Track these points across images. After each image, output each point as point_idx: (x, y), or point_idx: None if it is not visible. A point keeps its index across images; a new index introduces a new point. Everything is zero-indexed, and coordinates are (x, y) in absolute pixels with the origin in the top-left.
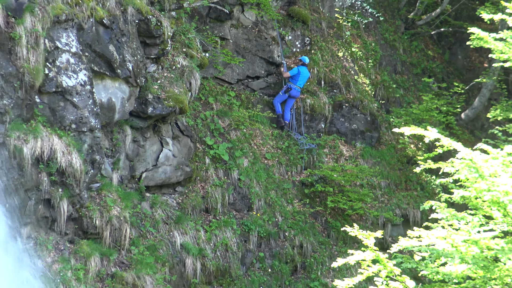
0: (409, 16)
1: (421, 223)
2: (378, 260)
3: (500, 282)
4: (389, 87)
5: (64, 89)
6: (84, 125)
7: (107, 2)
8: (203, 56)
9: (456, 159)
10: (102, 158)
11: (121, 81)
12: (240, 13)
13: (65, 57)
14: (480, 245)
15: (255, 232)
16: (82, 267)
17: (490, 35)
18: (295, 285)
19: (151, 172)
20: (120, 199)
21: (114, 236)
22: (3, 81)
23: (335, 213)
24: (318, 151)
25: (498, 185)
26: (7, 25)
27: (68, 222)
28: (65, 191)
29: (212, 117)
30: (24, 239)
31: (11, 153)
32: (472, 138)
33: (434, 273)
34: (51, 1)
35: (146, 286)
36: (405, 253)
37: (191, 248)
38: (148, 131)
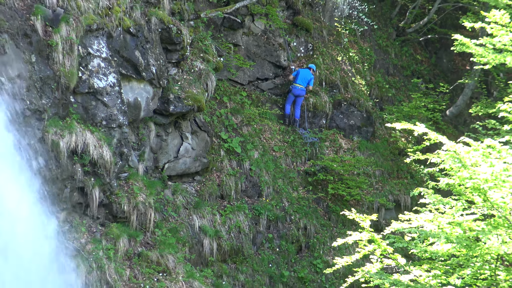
0: (400, 24)
1: (411, 207)
2: (373, 240)
3: (481, 259)
4: (383, 87)
5: (96, 90)
6: (113, 121)
7: (133, 12)
8: (218, 60)
9: (441, 151)
10: (129, 151)
11: (146, 82)
12: (251, 23)
13: (96, 62)
14: (463, 227)
15: (265, 216)
16: (112, 247)
17: (472, 41)
18: (300, 262)
19: (173, 163)
20: (145, 187)
21: (140, 220)
22: (42, 83)
23: (335, 199)
24: (320, 144)
25: (478, 174)
26: (45, 33)
27: (100, 207)
28: (97, 180)
29: (226, 114)
30: (61, 222)
31: (49, 147)
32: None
33: (423, 251)
34: (84, 12)
35: (169, 264)
36: (397, 234)
37: (208, 230)
38: (170, 127)
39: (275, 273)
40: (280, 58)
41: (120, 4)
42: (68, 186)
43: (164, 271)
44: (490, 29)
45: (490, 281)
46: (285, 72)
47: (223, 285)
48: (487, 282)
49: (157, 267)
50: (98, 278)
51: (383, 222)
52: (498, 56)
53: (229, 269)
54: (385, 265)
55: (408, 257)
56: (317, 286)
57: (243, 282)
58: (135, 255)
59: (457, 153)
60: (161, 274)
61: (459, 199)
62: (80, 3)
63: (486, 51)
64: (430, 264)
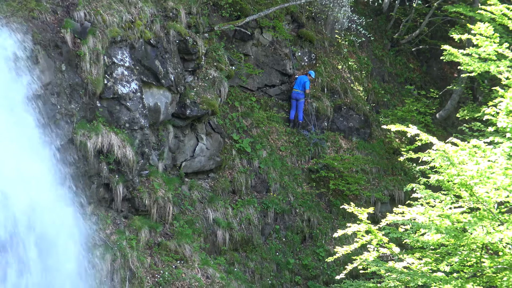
0: (394, 36)
1: (405, 201)
2: (370, 231)
3: (467, 248)
4: (379, 93)
5: (120, 95)
6: (135, 124)
7: (154, 26)
8: (230, 69)
9: (432, 150)
10: (150, 150)
11: (165, 89)
12: (260, 35)
13: (120, 70)
14: (452, 219)
15: (272, 209)
16: (135, 237)
17: (459, 51)
18: (304, 251)
19: (189, 161)
20: (164, 183)
21: (160, 213)
22: (71, 90)
23: (335, 194)
24: (322, 144)
25: (465, 171)
26: (74, 44)
27: (123, 201)
28: (121, 177)
29: (237, 118)
30: (88, 215)
31: (77, 147)
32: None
33: (415, 241)
34: (109, 25)
35: (186, 252)
36: (392, 226)
37: (221, 222)
38: (186, 129)
39: (282, 260)
40: (286, 67)
41: (142, 18)
42: (95, 182)
43: (181, 259)
44: (475, 40)
45: (476, 268)
46: (291, 80)
47: (235, 271)
48: (473, 268)
49: (175, 255)
50: (122, 265)
51: (379, 215)
52: (483, 64)
53: (240, 257)
54: (381, 253)
55: (401, 246)
56: (319, 272)
57: (253, 269)
58: (155, 244)
59: (446, 152)
60: (179, 262)
61: (448, 194)
62: (105, 17)
63: (472, 60)
64: (422, 253)
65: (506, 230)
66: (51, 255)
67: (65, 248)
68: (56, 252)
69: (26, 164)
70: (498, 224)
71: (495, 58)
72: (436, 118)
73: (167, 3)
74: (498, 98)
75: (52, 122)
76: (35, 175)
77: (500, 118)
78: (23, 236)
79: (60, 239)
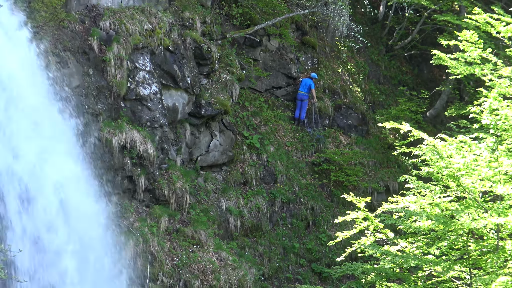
0: (389, 42)
1: (398, 191)
2: (367, 218)
3: (455, 233)
4: (375, 94)
5: (141, 97)
6: (156, 122)
7: (172, 34)
8: (241, 72)
9: (423, 145)
10: (169, 146)
11: (182, 91)
12: (267, 41)
13: (142, 74)
14: (441, 207)
15: (279, 199)
16: (155, 224)
17: (447, 56)
18: (308, 236)
19: (204, 156)
20: (182, 176)
21: (178, 202)
22: (98, 92)
23: (336, 185)
24: (324, 140)
25: (453, 164)
26: (100, 51)
27: (145, 192)
28: (142, 170)
29: (247, 116)
30: (113, 204)
31: (103, 143)
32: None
33: (408, 227)
34: (132, 34)
35: (201, 238)
36: (387, 213)
37: (233, 210)
38: (201, 127)
39: (288, 245)
40: (291, 70)
41: (161, 27)
42: (119, 175)
43: (197, 243)
44: (462, 46)
45: (463, 251)
46: (296, 82)
47: (246, 255)
48: (460, 252)
49: (192, 240)
50: (144, 249)
51: (375, 204)
52: (468, 68)
53: (250, 242)
54: (377, 238)
55: (396, 231)
56: (322, 255)
57: (261, 253)
58: (174, 231)
59: (435, 147)
60: (195, 246)
61: (437, 184)
62: (128, 27)
63: (459, 64)
64: (414, 238)
65: (489, 217)
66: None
67: (93, 235)
68: (85, 239)
69: (60, 159)
70: (483, 211)
71: (479, 62)
72: (427, 116)
73: (184, 14)
74: (483, 98)
75: (81, 120)
76: (67, 169)
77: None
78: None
79: (89, 225)
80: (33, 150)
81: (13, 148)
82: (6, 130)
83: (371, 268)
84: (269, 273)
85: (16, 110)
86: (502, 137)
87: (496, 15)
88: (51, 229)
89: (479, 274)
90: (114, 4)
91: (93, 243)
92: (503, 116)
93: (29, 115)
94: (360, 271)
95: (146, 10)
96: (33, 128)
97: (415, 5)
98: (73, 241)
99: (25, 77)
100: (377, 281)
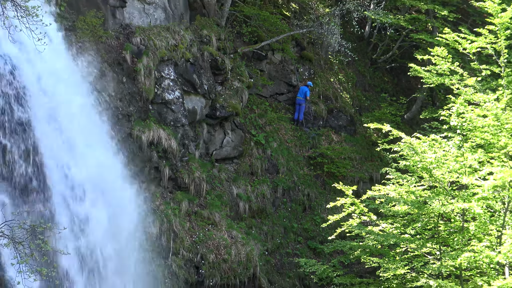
0: (373, 57)
1: (380, 181)
2: (354, 203)
3: (427, 216)
4: (361, 99)
5: (166, 101)
6: (178, 122)
7: (192, 48)
8: (249, 81)
9: (401, 142)
10: (189, 142)
11: (200, 96)
12: (272, 55)
13: (167, 82)
14: (415, 194)
15: (281, 187)
16: (177, 207)
17: (422, 68)
18: (305, 218)
19: (218, 150)
20: (199, 167)
21: (196, 189)
22: (130, 96)
23: (328, 175)
24: (318, 138)
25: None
26: (132, 62)
27: (169, 180)
28: (167, 162)
29: (255, 118)
30: (143, 191)
31: (134, 139)
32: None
33: (388, 211)
34: (159, 48)
35: (215, 219)
36: (371, 199)
37: (242, 196)
38: (216, 126)
39: (288, 225)
40: (291, 79)
41: (183, 43)
42: (147, 166)
43: (212, 223)
44: (434, 60)
45: (434, 231)
46: (295, 89)
47: (252, 233)
48: (431, 231)
49: (208, 221)
50: (168, 228)
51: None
52: (439, 78)
53: (256, 222)
54: (362, 220)
55: (378, 214)
56: (316, 234)
57: (266, 231)
58: (193, 213)
59: (411, 144)
60: (210, 226)
61: (413, 175)
62: (156, 42)
63: (431, 75)
64: (393, 220)
65: (456, 203)
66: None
67: (126, 216)
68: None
69: (99, 153)
70: (450, 198)
71: (448, 73)
72: (404, 118)
73: (202, 31)
74: (451, 104)
75: (116, 121)
76: (106, 160)
77: (452, 118)
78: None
79: (122, 208)
80: (81, 143)
81: (66, 140)
82: (61, 126)
83: (357, 245)
84: (272, 249)
85: (65, 111)
86: (467, 136)
87: (463, 34)
88: (94, 203)
89: (447, 250)
90: (144, 23)
91: (126, 222)
92: (468, 118)
93: (75, 116)
94: (348, 247)
95: (171, 28)
96: (77, 126)
97: (395, 26)
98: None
99: (71, 85)
100: (362, 255)
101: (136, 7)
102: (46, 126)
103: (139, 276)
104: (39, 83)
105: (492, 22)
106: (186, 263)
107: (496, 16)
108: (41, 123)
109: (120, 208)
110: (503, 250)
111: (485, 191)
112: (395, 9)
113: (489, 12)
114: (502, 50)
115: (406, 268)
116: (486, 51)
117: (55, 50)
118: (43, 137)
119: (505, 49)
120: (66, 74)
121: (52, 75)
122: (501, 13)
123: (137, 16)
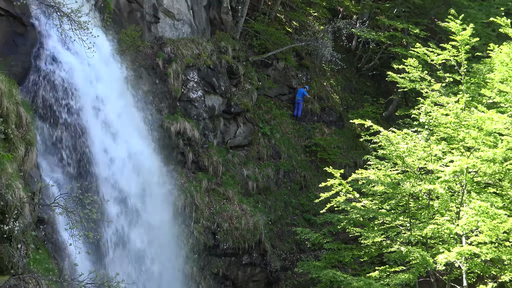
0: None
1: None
2: (341, 184)
3: (400, 195)
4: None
5: (191, 99)
6: (200, 116)
7: (212, 57)
8: (258, 84)
9: (380, 135)
10: (208, 133)
11: (218, 95)
12: (276, 63)
13: (191, 84)
14: (391, 177)
15: (282, 169)
16: (198, 185)
17: (397, 75)
18: (301, 195)
19: (232, 140)
20: (217, 153)
21: (214, 170)
22: (162, 95)
23: (321, 160)
24: (313, 131)
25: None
26: (163, 67)
27: (192, 163)
28: (191, 148)
29: (262, 114)
30: (170, 172)
31: (165, 130)
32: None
33: (368, 190)
34: (185, 56)
35: (229, 195)
36: (355, 181)
37: (251, 176)
38: (231, 120)
39: (287, 200)
40: (292, 83)
41: (205, 52)
42: (175, 151)
43: (226, 198)
44: (407, 69)
45: (405, 207)
46: (295, 91)
47: (259, 207)
48: (403, 207)
49: (223, 196)
50: (191, 202)
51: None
52: (412, 84)
53: (262, 198)
54: (347, 197)
55: (360, 193)
56: (310, 208)
57: (269, 205)
58: (211, 189)
59: (388, 136)
60: (225, 200)
61: (389, 162)
62: (183, 51)
63: (405, 81)
64: (372, 197)
65: (423, 185)
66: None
67: (156, 191)
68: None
69: (137, 140)
70: (419, 181)
71: (419, 80)
72: (383, 115)
73: (221, 43)
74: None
75: (149, 114)
76: (143, 146)
77: (421, 116)
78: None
79: (154, 185)
80: (123, 132)
81: (110, 130)
82: (106, 119)
83: (343, 218)
84: (274, 219)
85: (110, 107)
86: (433, 131)
87: (431, 49)
88: (128, 180)
89: (416, 223)
90: (174, 36)
91: (158, 195)
92: (434, 116)
93: (116, 110)
94: (336, 219)
95: (195, 40)
96: (117, 119)
97: (377, 41)
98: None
99: (115, 88)
100: (347, 226)
101: (167, 22)
102: (94, 119)
103: (167, 236)
104: (90, 84)
105: (455, 39)
106: (205, 230)
107: (458, 34)
108: (89, 115)
109: (154, 185)
110: (460, 223)
111: (447, 175)
112: (377, 27)
113: (453, 31)
114: (462, 62)
115: (382, 236)
116: (450, 62)
117: (102, 57)
118: (91, 127)
119: (465, 61)
120: (110, 77)
121: (100, 78)
122: (462, 31)
123: (168, 30)
